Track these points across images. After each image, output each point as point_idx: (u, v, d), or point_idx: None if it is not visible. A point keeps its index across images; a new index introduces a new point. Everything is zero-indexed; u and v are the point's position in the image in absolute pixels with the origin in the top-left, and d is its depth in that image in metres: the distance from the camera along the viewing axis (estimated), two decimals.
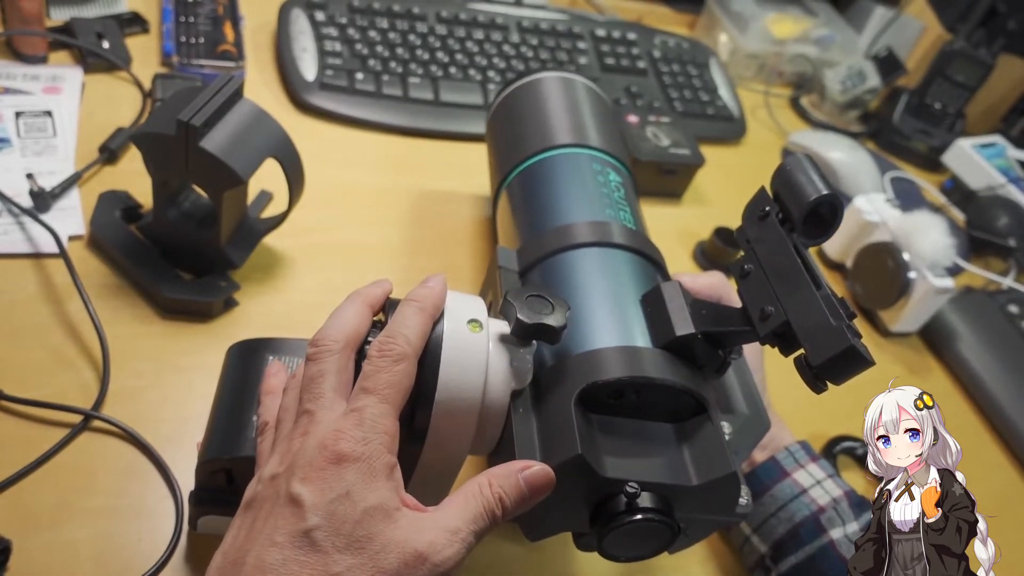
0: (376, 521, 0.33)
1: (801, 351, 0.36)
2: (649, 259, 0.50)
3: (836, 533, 0.52)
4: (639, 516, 0.37)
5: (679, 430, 0.42)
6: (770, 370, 0.58)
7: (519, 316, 0.40)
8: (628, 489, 0.38)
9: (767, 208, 0.40)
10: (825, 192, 0.37)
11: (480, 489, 0.36)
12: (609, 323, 0.44)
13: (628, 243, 0.50)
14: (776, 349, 0.39)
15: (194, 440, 0.47)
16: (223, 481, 0.46)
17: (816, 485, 0.54)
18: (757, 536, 0.55)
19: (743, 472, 0.53)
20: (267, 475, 0.36)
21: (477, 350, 0.40)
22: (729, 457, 0.39)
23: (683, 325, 0.42)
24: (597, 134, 0.61)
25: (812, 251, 0.89)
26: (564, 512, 0.40)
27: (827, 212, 0.38)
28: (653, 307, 0.44)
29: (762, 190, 0.41)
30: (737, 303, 0.41)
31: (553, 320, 0.40)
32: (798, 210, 0.38)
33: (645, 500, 0.38)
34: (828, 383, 0.36)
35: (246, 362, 0.49)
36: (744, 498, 0.42)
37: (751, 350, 0.56)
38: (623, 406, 0.41)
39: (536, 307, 0.40)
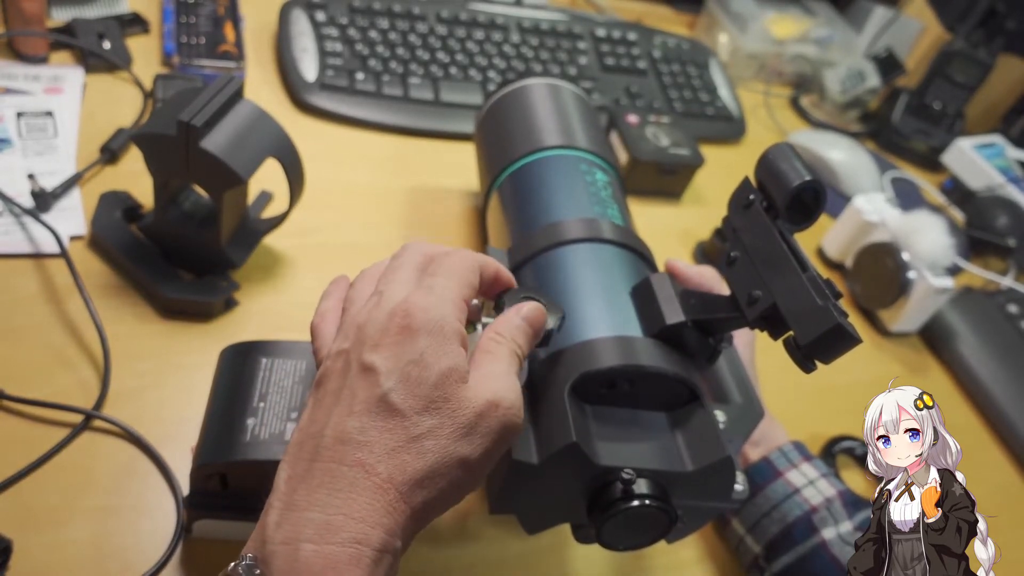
0: (450, 383, 0.34)
1: (790, 333, 0.37)
2: (637, 253, 0.51)
3: (828, 533, 0.52)
4: (635, 502, 0.38)
5: (672, 418, 0.42)
6: (771, 370, 0.58)
7: None
8: (624, 476, 0.38)
9: (751, 197, 0.41)
10: (807, 178, 0.38)
11: (495, 341, 0.37)
12: (601, 315, 0.44)
13: (616, 238, 0.50)
14: (764, 337, 0.39)
15: (194, 440, 0.47)
16: (217, 485, 0.46)
17: (809, 485, 0.54)
18: (751, 536, 0.55)
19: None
20: (335, 351, 0.36)
21: (471, 351, 0.40)
22: (723, 442, 0.40)
23: (673, 314, 0.42)
24: (584, 136, 0.62)
25: (812, 252, 0.90)
26: (561, 503, 0.41)
27: (810, 198, 0.39)
28: (643, 298, 0.45)
29: (746, 180, 0.42)
30: (727, 294, 0.42)
31: (548, 323, 0.40)
32: (781, 197, 0.38)
33: (641, 486, 0.38)
34: (817, 363, 0.36)
35: (239, 365, 0.49)
36: (740, 484, 0.42)
37: (742, 346, 0.56)
38: (616, 395, 0.42)
39: None
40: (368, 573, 0.31)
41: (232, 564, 0.31)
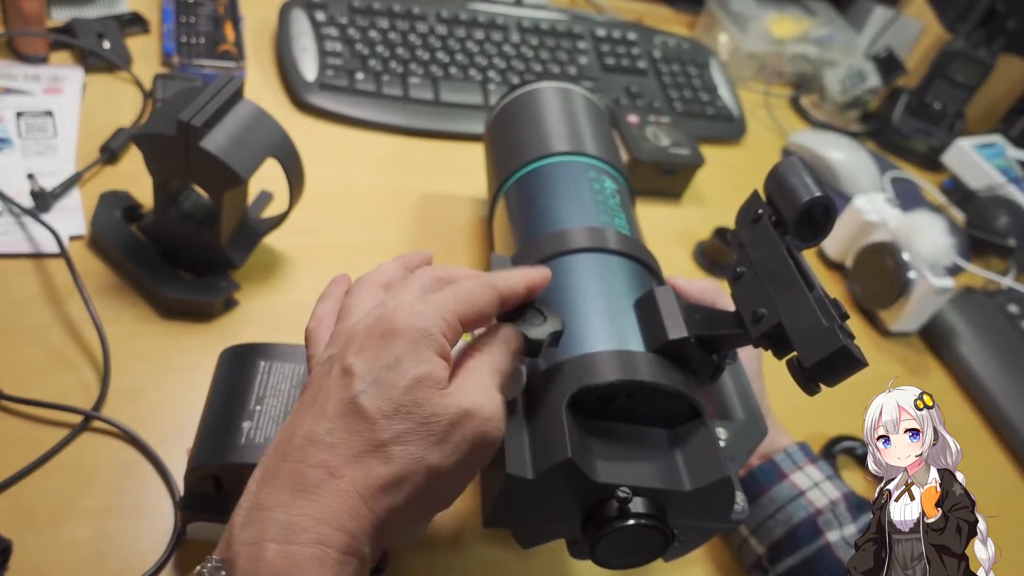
0: (424, 388, 0.33)
1: (794, 353, 0.36)
2: (643, 264, 0.50)
3: (833, 536, 0.52)
4: (631, 521, 0.37)
5: (672, 435, 0.41)
6: (769, 371, 0.58)
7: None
8: (620, 494, 0.37)
9: (760, 211, 0.40)
10: (818, 194, 0.37)
11: (474, 356, 0.37)
12: (602, 327, 0.44)
13: (622, 248, 0.50)
14: (770, 352, 0.39)
15: (192, 441, 0.47)
16: (211, 487, 0.46)
17: (814, 487, 0.54)
18: (755, 537, 0.55)
19: (740, 476, 0.52)
20: (324, 357, 0.36)
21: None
22: (722, 462, 0.39)
23: (676, 329, 0.42)
24: (593, 142, 0.62)
25: (812, 251, 0.90)
26: (556, 519, 0.40)
27: (820, 214, 0.38)
28: (646, 311, 0.44)
29: (755, 193, 0.41)
30: (731, 309, 0.41)
31: (537, 333, 0.39)
32: (791, 212, 0.38)
33: (637, 505, 0.37)
34: (821, 385, 0.36)
35: (237, 367, 0.49)
36: (740, 504, 0.41)
37: (749, 358, 0.56)
38: (616, 411, 0.41)
39: (527, 318, 0.40)
40: (333, 575, 0.31)
41: (198, 567, 0.31)
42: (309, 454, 0.32)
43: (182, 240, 0.61)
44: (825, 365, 0.35)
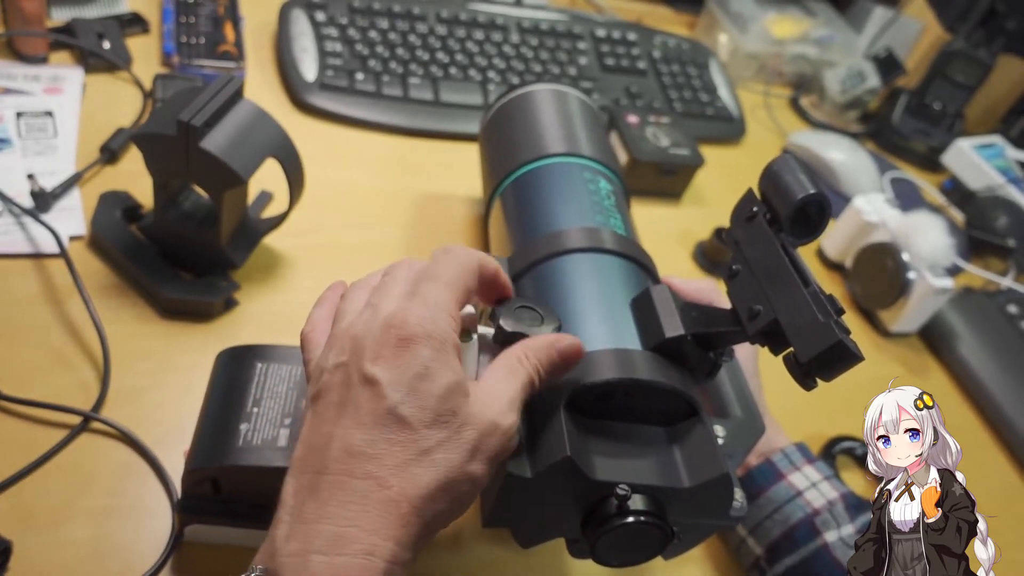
0: (456, 397, 0.34)
1: (790, 349, 0.36)
2: (639, 264, 0.50)
3: (831, 536, 0.52)
4: (630, 519, 0.37)
5: (670, 433, 0.42)
6: (769, 371, 0.58)
7: (502, 326, 0.40)
8: (619, 491, 0.37)
9: (754, 209, 0.40)
10: (812, 191, 0.37)
11: (519, 361, 0.37)
12: (599, 327, 0.44)
13: (618, 248, 0.50)
14: (766, 349, 0.39)
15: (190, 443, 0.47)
16: (209, 490, 0.46)
17: (811, 487, 0.54)
18: (752, 538, 0.55)
19: (738, 476, 0.52)
20: (331, 364, 0.35)
21: (466, 360, 0.40)
22: (721, 458, 0.39)
23: (672, 327, 0.42)
24: (588, 144, 0.62)
25: (811, 251, 0.90)
26: (556, 518, 0.40)
27: (814, 211, 0.38)
28: (643, 310, 0.44)
29: (749, 191, 0.41)
30: (727, 307, 0.41)
31: (535, 333, 0.39)
32: (785, 210, 0.38)
33: (636, 502, 0.38)
34: (818, 380, 0.36)
35: (234, 369, 0.49)
36: (738, 501, 0.42)
37: (745, 357, 0.56)
38: (614, 409, 0.41)
39: (524, 318, 0.40)
40: None
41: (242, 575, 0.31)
42: (352, 466, 0.32)
43: (182, 240, 0.61)
44: (821, 360, 0.35)
